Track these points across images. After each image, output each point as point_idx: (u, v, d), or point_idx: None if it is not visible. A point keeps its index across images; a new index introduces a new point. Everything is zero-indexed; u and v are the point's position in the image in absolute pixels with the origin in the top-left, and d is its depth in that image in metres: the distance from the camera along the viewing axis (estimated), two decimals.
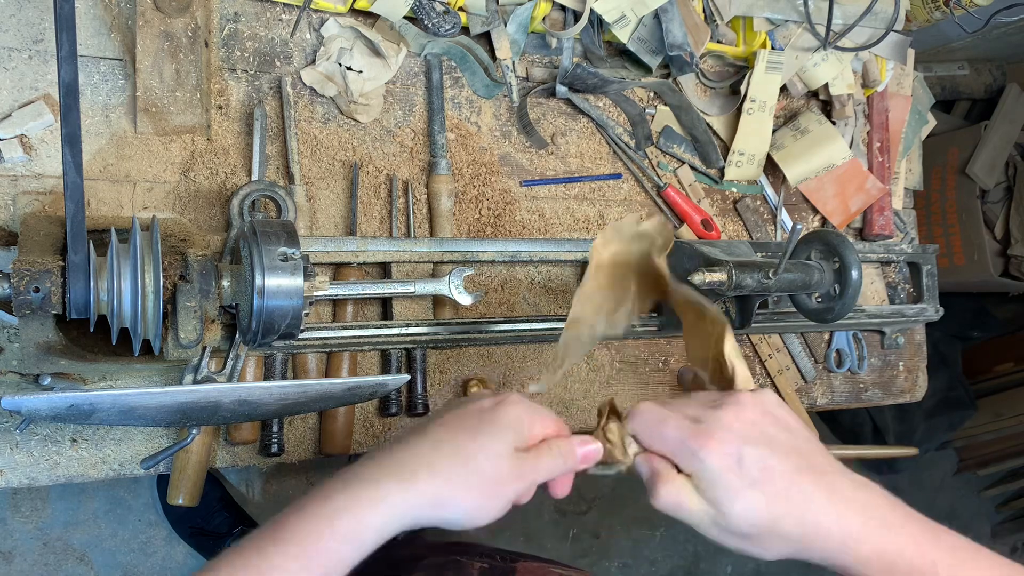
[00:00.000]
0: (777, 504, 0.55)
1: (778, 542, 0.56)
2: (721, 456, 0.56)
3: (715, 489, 0.56)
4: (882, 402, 1.24)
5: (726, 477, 0.56)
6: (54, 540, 1.68)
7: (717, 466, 0.56)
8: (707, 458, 0.56)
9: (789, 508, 0.56)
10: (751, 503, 0.55)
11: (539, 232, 1.01)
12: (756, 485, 0.56)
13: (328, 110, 0.92)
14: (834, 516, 0.56)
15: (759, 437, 0.57)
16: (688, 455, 0.57)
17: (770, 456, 0.56)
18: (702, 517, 0.57)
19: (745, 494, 0.55)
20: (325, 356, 0.88)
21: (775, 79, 1.08)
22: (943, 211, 2.00)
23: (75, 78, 0.62)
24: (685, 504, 0.57)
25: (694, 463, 0.57)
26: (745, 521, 0.56)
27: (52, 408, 0.61)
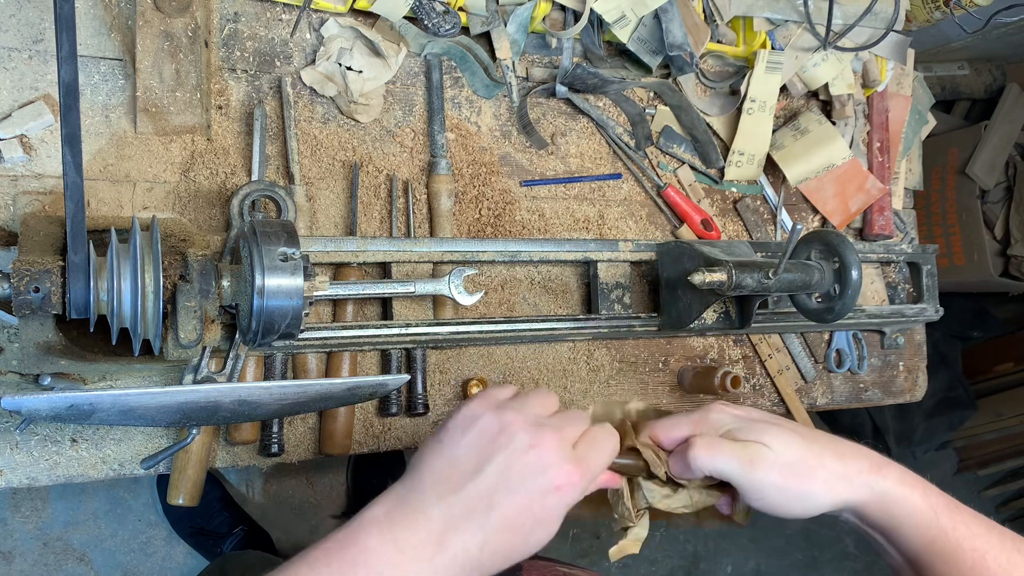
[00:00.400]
0: (804, 436, 0.61)
1: (821, 469, 0.60)
2: (732, 412, 0.64)
3: (745, 432, 0.62)
4: (882, 402, 1.24)
5: (747, 422, 0.63)
6: (54, 540, 1.68)
7: (733, 418, 0.63)
8: (721, 416, 0.63)
9: (818, 439, 0.62)
10: (783, 432, 0.61)
11: (539, 232, 1.01)
12: (776, 424, 0.62)
13: (328, 110, 0.92)
14: (856, 448, 0.63)
15: (753, 411, 0.67)
16: (704, 421, 0.64)
17: (772, 416, 0.65)
18: (745, 454, 0.60)
19: (773, 427, 0.62)
20: (325, 356, 0.88)
21: (775, 79, 1.08)
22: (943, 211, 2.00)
23: (75, 78, 0.62)
24: (724, 448, 0.61)
25: (712, 423, 0.64)
26: (786, 444, 0.60)
27: (52, 408, 0.61)
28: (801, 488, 0.60)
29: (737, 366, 1.12)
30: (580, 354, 1.02)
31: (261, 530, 1.76)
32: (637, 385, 1.05)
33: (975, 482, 2.76)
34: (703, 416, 0.65)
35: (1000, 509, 2.80)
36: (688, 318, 0.95)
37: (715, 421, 0.64)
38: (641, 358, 1.06)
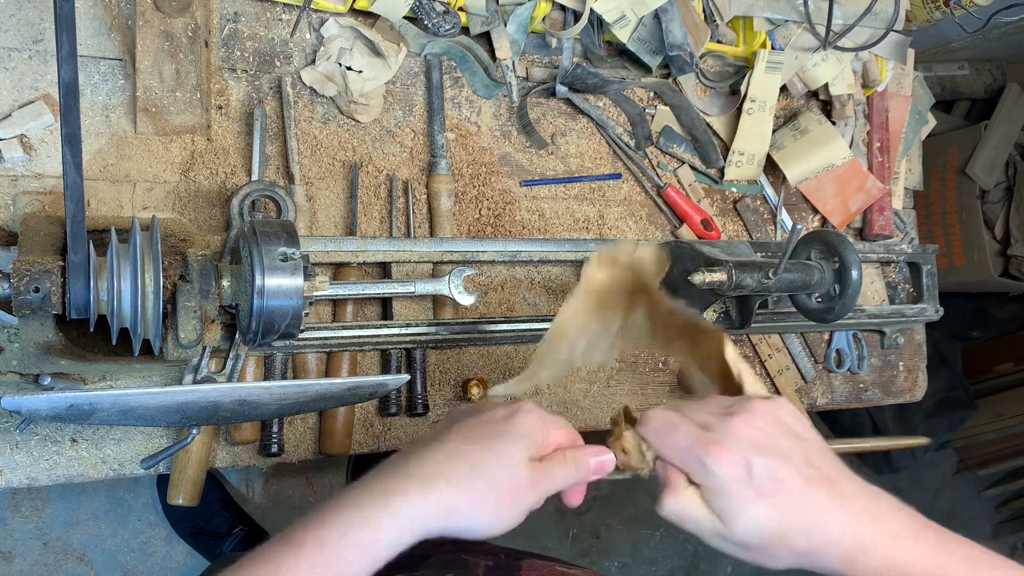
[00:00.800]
0: (787, 516, 0.55)
1: (785, 553, 0.55)
2: (730, 465, 0.55)
3: (723, 499, 0.55)
4: (882, 402, 1.24)
5: (734, 488, 0.55)
6: (54, 540, 1.68)
7: (725, 476, 0.55)
8: (715, 467, 0.55)
9: (799, 520, 0.55)
10: (760, 515, 0.55)
11: (539, 232, 1.01)
12: (765, 496, 0.55)
13: (328, 110, 0.92)
14: (846, 525, 0.55)
15: (769, 446, 0.56)
16: (696, 464, 0.56)
17: (780, 467, 0.55)
18: (706, 527, 0.57)
19: (753, 505, 0.55)
20: (325, 356, 0.88)
21: (775, 79, 1.08)
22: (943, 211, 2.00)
23: (75, 78, 0.62)
24: (690, 515, 0.57)
25: (701, 473, 0.56)
26: (752, 532, 0.55)
27: (52, 408, 0.61)
28: (759, 563, 0.57)
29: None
30: None
31: (261, 530, 1.76)
32: (637, 385, 1.05)
33: (975, 482, 2.76)
34: (700, 460, 0.56)
35: (1000, 509, 2.80)
36: None
37: (707, 472, 0.56)
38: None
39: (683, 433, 0.58)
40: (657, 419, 0.60)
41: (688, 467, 0.57)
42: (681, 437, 0.58)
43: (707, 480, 0.56)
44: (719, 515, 0.56)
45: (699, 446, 0.56)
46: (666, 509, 0.57)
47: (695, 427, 0.58)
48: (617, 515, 2.22)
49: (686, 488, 0.57)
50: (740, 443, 0.56)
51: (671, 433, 0.59)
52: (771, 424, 0.58)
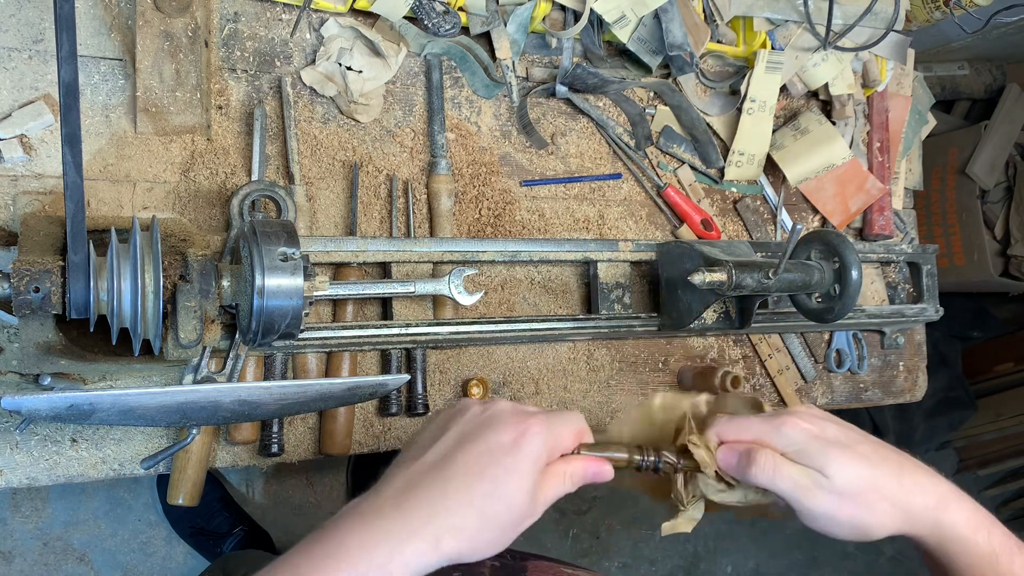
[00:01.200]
0: (873, 463, 0.59)
1: (882, 502, 0.58)
2: (805, 428, 0.61)
3: (810, 455, 0.60)
4: (882, 402, 1.24)
5: (816, 443, 0.60)
6: (54, 540, 1.68)
7: (805, 436, 0.60)
8: (793, 432, 0.60)
9: (885, 468, 0.59)
10: (848, 460, 0.59)
11: (539, 232, 1.01)
12: (847, 448, 0.60)
13: (328, 110, 0.92)
14: (927, 477, 0.60)
15: (831, 420, 0.63)
16: (775, 433, 0.61)
17: (848, 430, 0.62)
18: (804, 480, 0.59)
19: (840, 453, 0.59)
20: (325, 356, 0.88)
21: (775, 79, 1.08)
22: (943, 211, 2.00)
23: (75, 78, 0.62)
24: (784, 469, 0.60)
25: (782, 439, 0.61)
26: (847, 475, 0.58)
27: (52, 408, 0.61)
28: (855, 520, 0.59)
29: (737, 366, 1.12)
30: (580, 354, 1.02)
31: (261, 530, 1.76)
32: (637, 385, 1.05)
33: (975, 482, 2.76)
34: (776, 427, 0.62)
35: (1000, 509, 2.80)
36: (688, 318, 0.95)
37: (786, 437, 0.61)
38: (641, 358, 1.06)
39: (755, 420, 0.63)
40: (725, 418, 0.65)
41: (767, 439, 0.62)
42: (755, 421, 0.63)
43: (789, 443, 0.61)
44: (813, 466, 0.60)
45: (775, 421, 0.62)
46: (760, 467, 0.60)
47: (761, 422, 0.63)
48: (617, 515, 2.22)
49: (771, 451, 0.61)
50: (805, 415, 0.63)
51: (744, 422, 0.64)
52: (819, 418, 0.64)
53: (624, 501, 2.21)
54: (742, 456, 0.61)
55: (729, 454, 0.63)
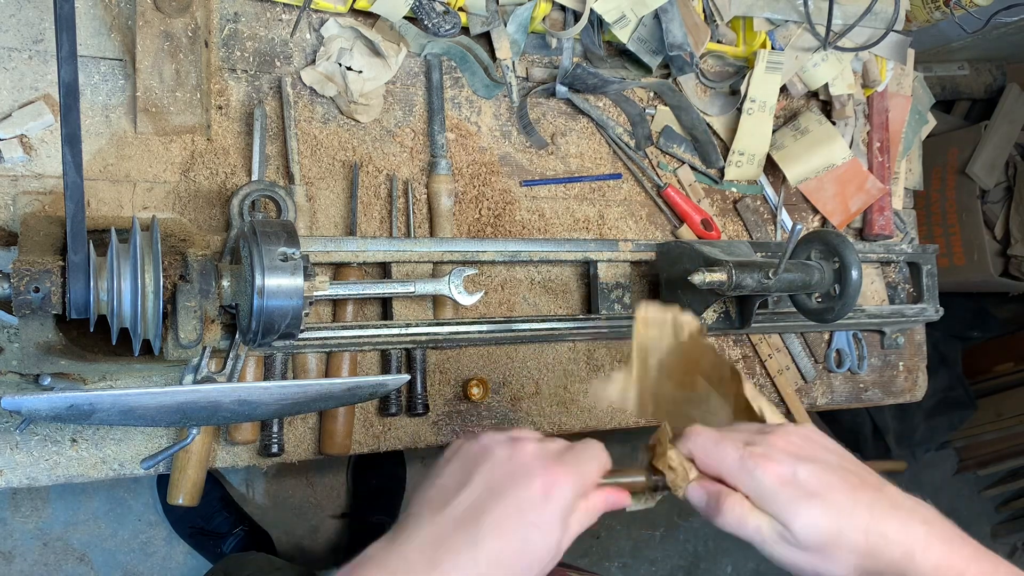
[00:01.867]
0: (841, 514, 0.57)
1: (845, 554, 0.57)
2: (777, 473, 0.58)
3: (775, 504, 0.58)
4: (882, 402, 1.24)
5: (785, 491, 0.57)
6: (54, 540, 1.68)
7: (774, 482, 0.57)
8: (763, 476, 0.58)
9: (853, 519, 0.56)
10: (815, 513, 0.57)
11: (539, 232, 1.01)
12: (816, 497, 0.57)
13: (328, 110, 0.92)
14: (899, 525, 0.57)
15: (810, 457, 0.59)
16: (746, 474, 0.59)
17: (824, 472, 0.58)
18: (768, 531, 0.58)
19: (807, 504, 0.57)
20: (325, 356, 0.88)
21: (775, 79, 1.08)
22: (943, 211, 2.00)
23: (75, 78, 0.62)
24: (750, 521, 0.59)
25: (751, 481, 0.58)
26: (811, 530, 0.57)
27: (52, 408, 0.61)
28: (816, 570, 0.58)
29: (737, 366, 1.12)
30: (580, 354, 1.02)
31: (261, 530, 1.76)
32: None
33: (975, 482, 2.76)
34: (749, 470, 0.59)
35: (1000, 509, 2.80)
36: None
37: (757, 481, 0.58)
38: None
39: (729, 447, 0.60)
40: (701, 434, 0.62)
41: (737, 478, 0.60)
42: (728, 450, 0.60)
43: (757, 488, 0.58)
44: (777, 518, 0.58)
45: (748, 458, 0.59)
46: (725, 515, 0.59)
47: (739, 442, 0.60)
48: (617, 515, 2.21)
49: (737, 494, 0.59)
50: (783, 454, 0.59)
51: (717, 448, 0.61)
52: (805, 440, 0.61)
53: None
54: (711, 498, 0.61)
55: (699, 492, 0.62)
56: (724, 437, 0.61)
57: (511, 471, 0.57)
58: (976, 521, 2.77)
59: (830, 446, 0.62)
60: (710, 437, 0.62)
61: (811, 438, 0.62)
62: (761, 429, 0.63)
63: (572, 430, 1.01)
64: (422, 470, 1.98)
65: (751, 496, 0.59)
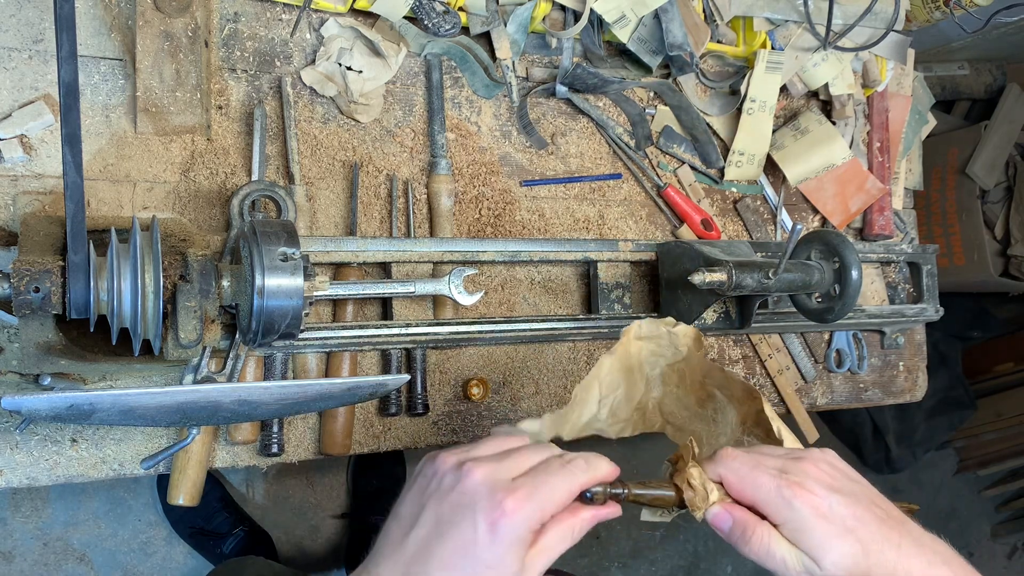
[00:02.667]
0: (871, 552, 0.56)
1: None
2: (814, 505, 0.56)
3: (809, 537, 0.56)
4: (882, 402, 1.24)
5: (820, 524, 0.56)
6: (54, 540, 1.68)
7: (811, 514, 0.56)
8: (801, 507, 0.56)
9: (882, 557, 0.56)
10: (846, 550, 0.56)
11: (539, 232, 1.01)
12: (849, 532, 0.56)
13: (328, 110, 0.92)
14: (924, 564, 0.56)
15: (842, 488, 0.58)
16: (782, 503, 0.57)
17: (856, 505, 0.57)
18: (794, 565, 0.57)
19: (840, 541, 0.56)
20: (325, 356, 0.88)
21: (775, 79, 1.08)
22: (943, 211, 2.00)
23: (75, 78, 0.62)
24: (777, 552, 0.57)
25: (787, 511, 0.57)
26: (840, 568, 0.56)
27: (52, 408, 0.61)
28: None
29: (737, 366, 1.12)
30: (580, 354, 1.02)
31: (261, 530, 1.76)
32: None
33: (975, 482, 2.76)
34: (787, 500, 0.57)
35: (1000, 509, 2.80)
36: (688, 318, 0.95)
37: (795, 511, 0.57)
38: None
39: (764, 475, 0.58)
40: (736, 458, 0.60)
41: (770, 507, 0.58)
42: (764, 478, 0.58)
43: (792, 519, 0.57)
44: (808, 552, 0.56)
45: (785, 487, 0.57)
46: (753, 546, 0.58)
47: (773, 469, 0.59)
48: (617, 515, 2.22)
49: (766, 523, 0.58)
50: (818, 483, 0.57)
51: (753, 473, 0.59)
52: (833, 468, 0.60)
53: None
54: (736, 527, 0.58)
55: (724, 517, 0.59)
56: (759, 463, 0.59)
57: (457, 504, 0.54)
58: (976, 521, 2.77)
59: (853, 475, 0.61)
60: (746, 462, 0.60)
61: (837, 466, 0.61)
62: (790, 454, 0.61)
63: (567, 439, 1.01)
64: None
65: (784, 526, 0.57)
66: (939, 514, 2.72)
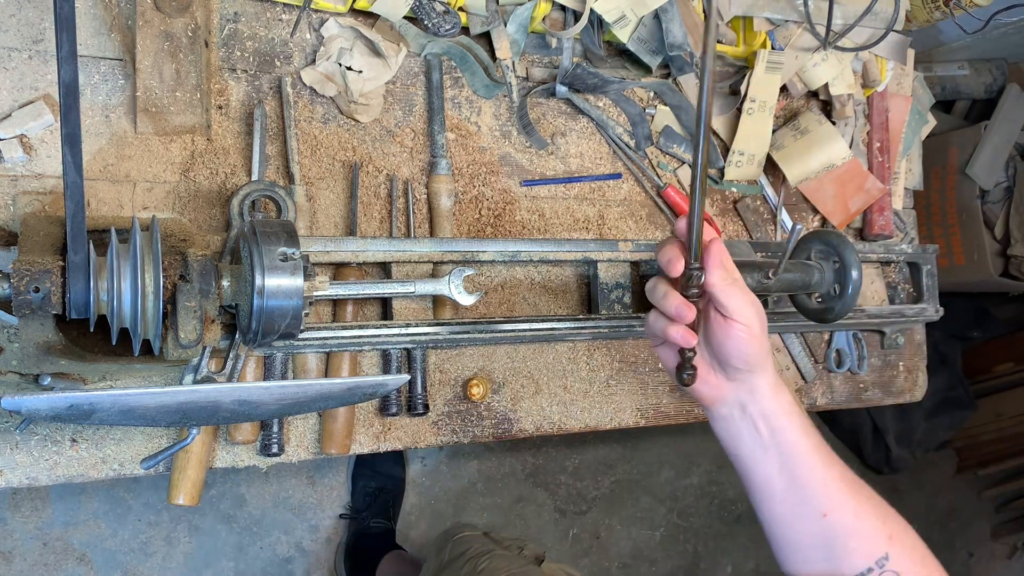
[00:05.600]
0: (765, 331, 0.70)
1: (761, 337, 0.69)
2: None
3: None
4: (882, 402, 1.24)
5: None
6: (54, 540, 1.68)
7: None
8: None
9: (767, 340, 0.71)
10: (760, 312, 0.70)
11: (539, 232, 1.01)
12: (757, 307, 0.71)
13: (328, 110, 0.92)
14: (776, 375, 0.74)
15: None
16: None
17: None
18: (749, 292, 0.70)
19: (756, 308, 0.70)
20: (325, 356, 0.88)
21: (775, 79, 1.08)
22: (943, 211, 2.00)
23: (75, 78, 0.62)
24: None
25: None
26: (758, 318, 0.69)
27: (52, 408, 0.61)
28: (751, 333, 0.69)
29: None
30: (580, 354, 1.02)
31: None
32: (637, 385, 1.05)
33: (975, 482, 2.76)
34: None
35: (1001, 510, 2.80)
36: None
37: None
38: (641, 358, 1.06)
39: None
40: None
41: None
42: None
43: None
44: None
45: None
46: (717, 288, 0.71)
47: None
48: (617, 515, 2.22)
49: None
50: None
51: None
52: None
53: (624, 501, 2.22)
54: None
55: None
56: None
57: None
58: (976, 521, 2.77)
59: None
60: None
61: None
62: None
63: (572, 430, 1.02)
64: (422, 470, 1.98)
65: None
66: (939, 514, 2.72)
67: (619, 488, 2.20)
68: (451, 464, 2.02)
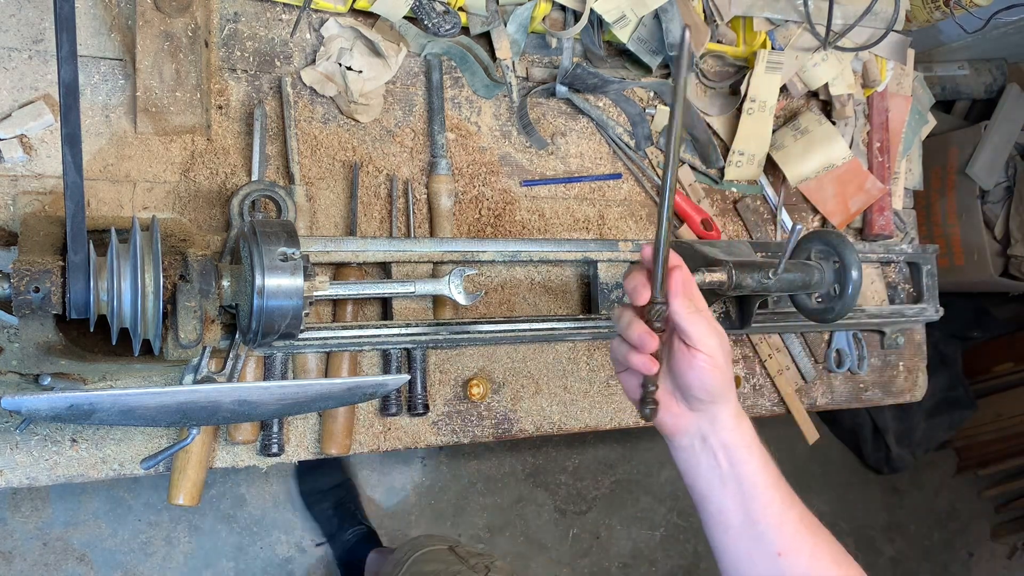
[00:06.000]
0: (729, 362, 0.70)
1: (724, 368, 0.68)
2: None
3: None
4: (882, 402, 1.24)
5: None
6: (54, 540, 1.68)
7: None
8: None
9: (731, 371, 0.70)
10: (724, 342, 0.70)
11: (539, 232, 1.01)
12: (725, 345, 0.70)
13: (328, 110, 0.92)
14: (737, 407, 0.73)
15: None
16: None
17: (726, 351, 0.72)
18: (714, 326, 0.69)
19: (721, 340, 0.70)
20: (325, 356, 0.88)
21: (775, 79, 1.08)
22: (943, 211, 2.00)
23: (75, 78, 0.62)
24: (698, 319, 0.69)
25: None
26: (721, 349, 0.69)
27: (52, 408, 0.61)
28: (725, 373, 0.68)
29: (737, 366, 1.12)
30: (580, 354, 1.02)
31: None
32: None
33: (975, 482, 2.76)
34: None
35: (1001, 510, 2.80)
36: None
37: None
38: None
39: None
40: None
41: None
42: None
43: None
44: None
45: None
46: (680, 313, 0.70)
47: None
48: (617, 515, 2.22)
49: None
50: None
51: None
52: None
53: (624, 501, 2.21)
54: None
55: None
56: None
57: None
58: (976, 521, 2.77)
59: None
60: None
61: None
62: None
63: (572, 430, 1.02)
64: (423, 470, 1.98)
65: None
66: (939, 514, 2.72)
67: (619, 488, 2.20)
68: (451, 464, 2.02)
